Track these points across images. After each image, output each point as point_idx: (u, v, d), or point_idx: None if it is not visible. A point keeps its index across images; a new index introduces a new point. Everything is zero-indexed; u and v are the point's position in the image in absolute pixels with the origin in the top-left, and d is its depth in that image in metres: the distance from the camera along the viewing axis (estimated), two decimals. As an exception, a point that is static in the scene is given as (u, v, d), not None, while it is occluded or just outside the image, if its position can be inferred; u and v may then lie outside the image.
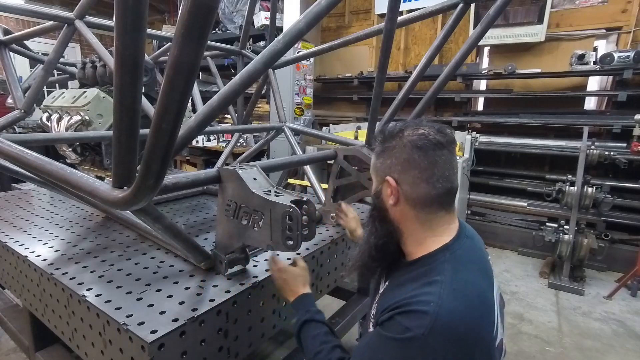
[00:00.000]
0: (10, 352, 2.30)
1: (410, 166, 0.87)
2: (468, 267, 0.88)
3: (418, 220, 0.91)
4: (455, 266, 0.85)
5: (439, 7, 1.59)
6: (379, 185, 0.94)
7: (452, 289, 0.79)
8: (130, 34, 0.61)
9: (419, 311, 0.76)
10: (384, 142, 0.94)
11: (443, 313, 0.75)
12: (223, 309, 1.05)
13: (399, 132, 0.91)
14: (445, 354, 0.74)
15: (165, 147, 0.73)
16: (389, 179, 0.90)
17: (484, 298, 0.84)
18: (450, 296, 0.78)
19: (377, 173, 0.96)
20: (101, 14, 5.61)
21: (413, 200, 0.89)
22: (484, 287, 0.87)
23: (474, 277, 0.86)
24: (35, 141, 1.45)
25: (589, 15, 4.18)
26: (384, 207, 0.94)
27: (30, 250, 1.38)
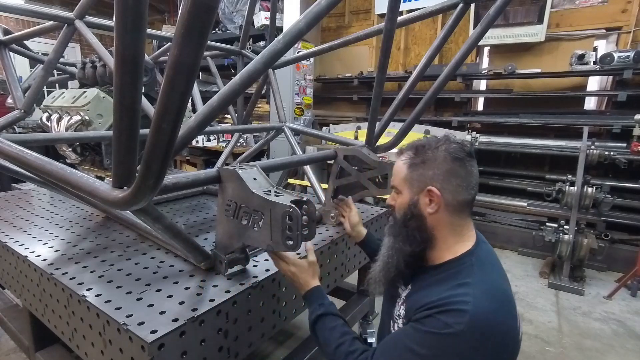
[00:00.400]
0: (10, 352, 2.29)
1: (452, 175, 0.97)
2: (491, 270, 0.99)
3: (452, 227, 1.00)
4: (482, 269, 0.96)
5: (439, 7, 1.59)
6: (416, 195, 1.01)
7: (483, 290, 0.89)
8: (130, 34, 0.61)
9: (458, 310, 0.85)
10: (418, 155, 1.01)
11: (479, 312, 0.85)
12: (223, 309, 1.05)
13: (434, 145, 1.00)
14: (482, 348, 0.84)
15: (165, 147, 0.73)
16: (432, 189, 0.97)
17: (508, 297, 0.95)
18: (483, 297, 0.88)
19: (412, 184, 1.02)
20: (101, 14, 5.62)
21: (453, 207, 0.98)
22: (506, 287, 0.98)
23: (497, 278, 0.98)
24: (35, 141, 1.45)
25: (589, 15, 4.18)
26: (422, 216, 1.00)
27: (30, 250, 1.38)
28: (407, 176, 1.03)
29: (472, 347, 0.84)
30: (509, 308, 0.92)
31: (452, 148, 0.98)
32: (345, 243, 1.67)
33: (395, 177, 1.07)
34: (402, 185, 1.04)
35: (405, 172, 1.03)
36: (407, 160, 1.03)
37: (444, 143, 1.00)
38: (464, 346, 0.84)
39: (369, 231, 1.53)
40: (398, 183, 1.06)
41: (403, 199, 1.04)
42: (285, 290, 1.31)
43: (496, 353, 0.86)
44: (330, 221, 1.74)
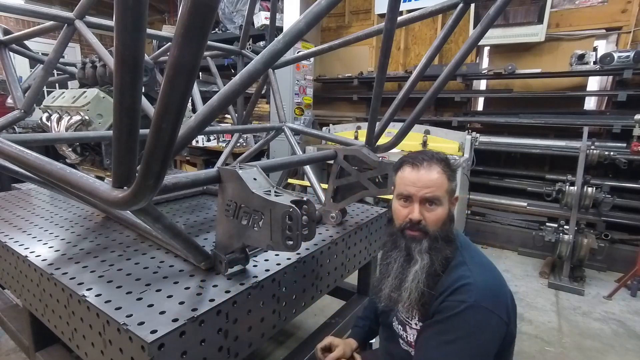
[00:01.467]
0: (10, 352, 2.30)
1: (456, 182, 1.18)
2: (473, 248, 1.16)
3: None
4: (467, 250, 1.12)
5: (439, 7, 1.59)
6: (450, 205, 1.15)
7: (475, 263, 1.07)
8: (130, 34, 0.61)
9: (463, 285, 0.99)
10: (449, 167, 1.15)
11: (480, 281, 1.00)
12: (223, 309, 1.05)
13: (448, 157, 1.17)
14: (495, 309, 0.98)
15: (165, 147, 0.73)
16: (458, 195, 1.17)
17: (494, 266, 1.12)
18: (477, 269, 1.05)
19: (450, 193, 1.14)
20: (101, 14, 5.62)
21: None
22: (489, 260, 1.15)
23: (481, 253, 1.15)
24: (35, 141, 1.45)
25: (588, 15, 4.18)
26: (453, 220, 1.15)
27: (30, 250, 1.38)
28: (448, 187, 1.13)
29: (491, 307, 0.97)
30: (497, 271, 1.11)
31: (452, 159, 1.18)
32: (345, 243, 1.67)
33: (438, 189, 1.11)
34: (444, 197, 1.12)
35: (447, 184, 1.12)
36: (444, 173, 1.12)
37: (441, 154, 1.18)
38: (484, 311, 0.96)
39: (355, 336, 1.47)
40: (442, 195, 1.12)
41: (444, 209, 1.12)
42: (285, 290, 1.31)
43: (508, 306, 1.02)
44: (330, 221, 1.74)
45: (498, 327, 0.99)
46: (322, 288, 1.54)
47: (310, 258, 1.42)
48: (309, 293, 1.45)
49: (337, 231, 1.67)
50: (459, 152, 3.91)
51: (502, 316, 0.99)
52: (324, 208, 1.75)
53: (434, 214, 1.11)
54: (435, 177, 1.11)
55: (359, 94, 5.51)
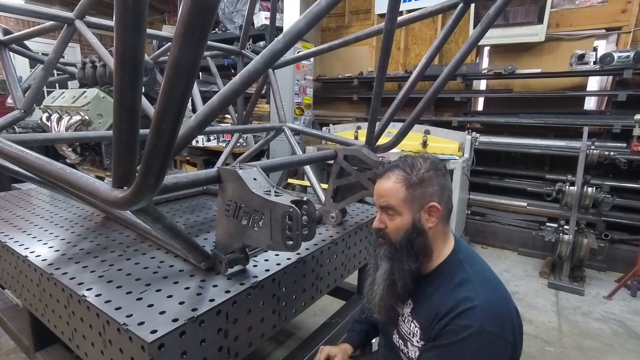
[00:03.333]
0: (10, 352, 2.29)
1: (444, 189, 1.08)
2: (477, 260, 1.10)
3: (443, 235, 1.10)
4: (470, 263, 1.06)
5: (439, 7, 1.59)
6: (417, 213, 1.06)
7: (479, 280, 1.01)
8: (130, 34, 0.61)
9: (468, 309, 0.95)
10: (412, 175, 1.07)
11: (484, 303, 0.95)
12: (223, 309, 1.05)
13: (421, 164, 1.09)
14: (501, 333, 0.95)
15: (165, 147, 0.73)
16: (434, 204, 1.05)
17: (498, 280, 1.07)
18: (481, 288, 0.99)
19: (413, 202, 1.06)
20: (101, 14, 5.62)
21: (445, 217, 1.09)
22: (493, 272, 1.10)
23: (484, 266, 1.10)
24: (35, 141, 1.45)
25: (588, 15, 4.18)
26: (425, 231, 1.07)
27: (30, 250, 1.38)
28: (407, 196, 1.06)
29: (497, 332, 0.94)
30: (503, 287, 1.06)
31: (436, 164, 1.10)
32: (345, 243, 1.67)
33: (391, 198, 1.08)
34: (401, 206, 1.07)
35: (404, 193, 1.06)
36: (403, 181, 1.07)
37: (424, 160, 1.10)
38: (490, 336, 0.93)
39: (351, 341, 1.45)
40: (397, 204, 1.07)
41: (403, 219, 1.07)
42: (285, 290, 1.31)
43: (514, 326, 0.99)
44: (330, 221, 1.74)
45: (504, 351, 0.96)
46: (322, 288, 1.54)
47: (310, 258, 1.42)
48: (309, 293, 1.45)
49: (337, 231, 1.67)
50: (459, 152, 3.92)
51: (508, 339, 0.96)
52: (324, 208, 1.75)
53: (392, 223, 1.09)
54: (389, 186, 1.09)
55: (359, 94, 5.51)
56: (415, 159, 1.11)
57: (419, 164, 1.09)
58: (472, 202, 4.36)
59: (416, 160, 1.10)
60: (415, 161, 1.10)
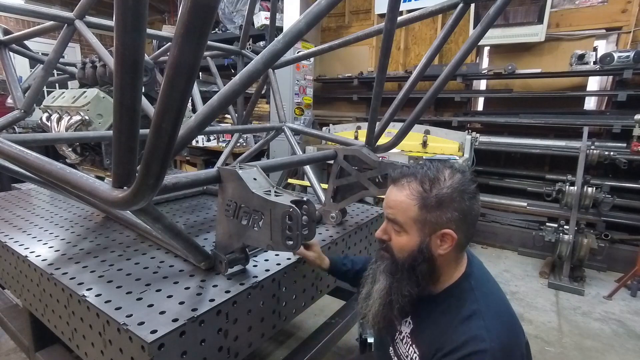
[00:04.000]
0: (10, 352, 2.29)
1: (467, 215, 0.91)
2: (490, 287, 0.98)
3: (456, 260, 0.97)
4: (483, 291, 0.94)
5: (439, 7, 1.59)
6: (427, 237, 0.92)
7: (492, 316, 0.88)
8: (130, 34, 0.61)
9: (478, 351, 0.83)
10: (431, 192, 0.90)
11: (496, 345, 0.83)
12: (223, 309, 1.05)
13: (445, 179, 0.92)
14: None
15: (165, 147, 0.73)
16: (449, 232, 0.90)
17: (512, 312, 0.95)
18: (494, 325, 0.86)
19: (424, 225, 0.91)
20: (101, 14, 5.62)
21: (462, 245, 0.94)
22: (507, 301, 0.98)
23: (498, 295, 0.97)
24: (35, 141, 1.45)
25: (588, 15, 4.18)
26: (433, 258, 0.93)
27: (30, 250, 1.38)
28: (418, 217, 0.91)
29: None
30: (517, 323, 0.94)
31: (465, 183, 0.91)
32: (345, 243, 1.67)
33: (400, 214, 0.94)
34: (409, 225, 0.93)
35: (416, 213, 0.91)
36: (418, 199, 0.91)
37: (452, 174, 0.92)
38: None
39: (331, 257, 1.42)
40: (404, 222, 0.93)
41: (410, 240, 0.93)
42: (285, 290, 1.31)
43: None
44: (330, 221, 1.74)
45: None
46: (322, 288, 1.54)
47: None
48: (309, 293, 1.45)
49: (337, 231, 1.67)
50: (459, 152, 3.92)
51: None
52: (324, 208, 1.75)
53: (396, 240, 0.96)
54: (401, 198, 0.93)
55: (359, 94, 5.50)
56: (441, 171, 0.93)
57: (443, 178, 0.91)
58: (472, 202, 4.35)
59: (441, 173, 0.92)
60: (440, 174, 0.92)
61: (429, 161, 1.00)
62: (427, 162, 0.98)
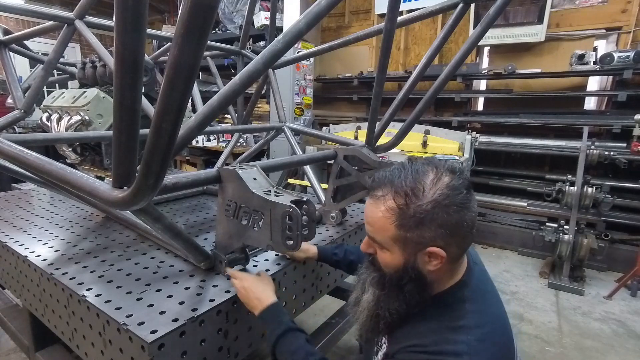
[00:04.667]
0: (10, 352, 2.29)
1: (458, 228, 0.78)
2: (487, 301, 0.88)
3: (450, 271, 0.86)
4: (477, 307, 0.83)
5: (439, 7, 1.59)
6: (412, 256, 0.81)
7: (480, 337, 0.78)
8: (130, 34, 0.61)
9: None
10: (408, 209, 0.78)
11: None
12: (223, 309, 1.05)
13: (427, 189, 0.78)
14: None
15: (165, 147, 0.73)
16: (435, 250, 0.78)
17: (506, 333, 0.86)
18: (479, 346, 0.76)
19: (406, 244, 0.80)
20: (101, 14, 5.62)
21: (457, 256, 0.83)
22: (504, 318, 0.88)
23: (494, 311, 0.87)
24: (35, 141, 1.45)
25: (589, 15, 4.18)
26: (422, 275, 0.83)
27: (30, 250, 1.38)
28: (398, 237, 0.80)
29: None
30: (507, 346, 0.84)
31: (452, 193, 0.77)
32: (346, 243, 1.67)
33: (378, 233, 0.83)
34: (390, 245, 0.82)
35: (393, 232, 0.80)
36: (394, 218, 0.79)
37: (436, 181, 0.78)
38: None
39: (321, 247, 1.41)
40: (384, 241, 0.83)
41: (393, 258, 0.83)
42: (285, 290, 1.31)
43: None
44: (330, 221, 1.74)
45: None
46: (322, 288, 1.54)
47: (313, 259, 1.42)
48: (309, 293, 1.45)
49: (337, 231, 1.67)
50: (459, 152, 3.92)
51: None
52: (324, 208, 1.75)
53: (381, 255, 0.86)
54: (377, 215, 0.82)
55: (359, 94, 5.50)
56: (421, 178, 0.79)
57: (423, 189, 0.78)
58: (472, 202, 4.35)
59: (420, 181, 0.79)
60: (419, 183, 0.78)
61: (410, 163, 0.84)
62: (408, 165, 0.84)
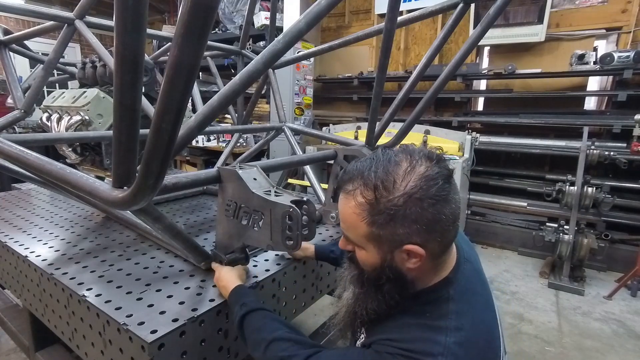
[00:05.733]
0: (10, 352, 2.30)
1: (436, 222, 0.72)
2: (473, 304, 0.81)
3: (433, 268, 0.80)
4: (460, 307, 0.77)
5: (439, 7, 1.59)
6: (389, 254, 0.76)
7: (458, 339, 0.72)
8: (130, 34, 0.61)
9: None
10: (379, 205, 0.72)
11: None
12: (223, 309, 1.05)
13: (400, 180, 0.71)
14: None
15: (165, 147, 0.73)
16: (412, 248, 0.73)
17: (491, 342, 0.79)
18: (456, 349, 0.71)
19: (380, 242, 0.75)
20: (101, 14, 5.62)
21: (438, 252, 0.77)
22: (491, 325, 0.82)
23: (479, 315, 0.81)
24: (35, 141, 1.45)
25: (589, 15, 4.18)
26: (401, 273, 0.77)
27: (30, 250, 1.38)
28: (369, 234, 0.75)
29: None
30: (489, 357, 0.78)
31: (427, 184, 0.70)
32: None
33: (349, 230, 0.79)
34: (364, 243, 0.77)
35: (364, 230, 0.75)
36: (364, 214, 0.73)
37: (409, 171, 0.72)
38: None
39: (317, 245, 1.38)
40: (357, 239, 0.78)
41: (369, 256, 0.79)
42: (285, 290, 1.31)
43: None
44: (330, 221, 1.74)
45: None
46: (322, 288, 1.54)
47: (311, 258, 1.42)
48: (309, 293, 1.45)
49: (337, 231, 1.67)
50: (459, 152, 3.92)
51: None
52: (324, 208, 1.75)
53: (358, 254, 0.81)
54: (347, 212, 0.77)
55: (359, 94, 5.51)
56: (393, 168, 0.73)
57: (396, 182, 0.71)
58: (472, 202, 4.36)
59: (392, 172, 0.72)
60: (391, 174, 0.72)
61: (383, 151, 0.78)
62: (380, 154, 0.77)
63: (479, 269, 0.92)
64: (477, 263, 0.94)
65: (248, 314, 0.94)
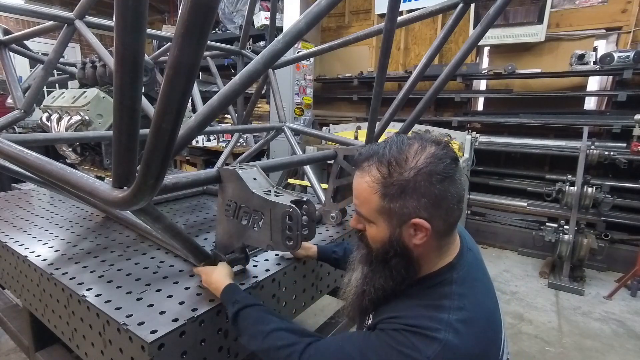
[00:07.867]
0: (10, 352, 2.29)
1: (442, 199, 0.77)
2: (475, 288, 0.85)
3: (439, 248, 0.85)
4: (462, 290, 0.81)
5: (439, 7, 1.59)
6: (397, 229, 0.81)
7: (460, 317, 0.76)
8: (130, 34, 0.61)
9: (429, 336, 0.73)
10: (391, 178, 0.78)
11: (450, 344, 0.72)
12: (223, 309, 1.05)
13: (411, 158, 0.78)
14: None
15: (165, 147, 0.73)
16: (419, 222, 0.77)
17: (492, 323, 0.83)
18: (459, 326, 0.75)
19: (390, 216, 0.80)
20: (101, 14, 5.62)
21: (443, 231, 0.82)
22: (492, 308, 0.85)
23: (481, 299, 0.85)
24: (35, 141, 1.45)
25: (589, 15, 4.18)
26: (408, 249, 0.82)
27: (30, 250, 1.38)
28: (382, 208, 0.80)
29: None
30: (491, 337, 0.81)
31: (435, 161, 0.77)
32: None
33: (363, 205, 0.84)
34: (374, 217, 0.83)
35: (377, 203, 0.80)
36: (378, 187, 0.80)
37: (420, 151, 0.79)
38: None
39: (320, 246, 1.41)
40: (368, 213, 0.84)
41: (379, 232, 0.84)
42: (285, 290, 1.31)
43: None
44: (330, 221, 1.74)
45: None
46: (322, 288, 1.54)
47: (311, 258, 1.42)
48: (309, 293, 1.45)
49: (337, 231, 1.67)
50: (459, 152, 3.92)
51: None
52: (324, 208, 1.75)
53: (368, 230, 0.87)
54: (362, 187, 0.82)
55: (359, 94, 5.51)
56: (405, 148, 0.80)
57: (405, 158, 0.78)
58: (472, 202, 4.36)
59: (405, 151, 0.79)
60: (403, 153, 0.79)
61: (397, 136, 0.85)
62: (394, 137, 0.84)
63: (480, 258, 0.97)
64: (479, 254, 0.99)
65: (243, 309, 0.96)
